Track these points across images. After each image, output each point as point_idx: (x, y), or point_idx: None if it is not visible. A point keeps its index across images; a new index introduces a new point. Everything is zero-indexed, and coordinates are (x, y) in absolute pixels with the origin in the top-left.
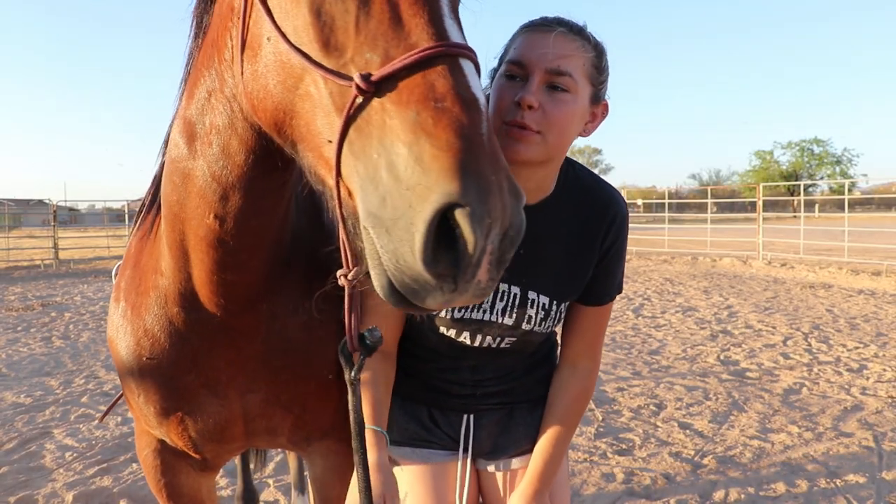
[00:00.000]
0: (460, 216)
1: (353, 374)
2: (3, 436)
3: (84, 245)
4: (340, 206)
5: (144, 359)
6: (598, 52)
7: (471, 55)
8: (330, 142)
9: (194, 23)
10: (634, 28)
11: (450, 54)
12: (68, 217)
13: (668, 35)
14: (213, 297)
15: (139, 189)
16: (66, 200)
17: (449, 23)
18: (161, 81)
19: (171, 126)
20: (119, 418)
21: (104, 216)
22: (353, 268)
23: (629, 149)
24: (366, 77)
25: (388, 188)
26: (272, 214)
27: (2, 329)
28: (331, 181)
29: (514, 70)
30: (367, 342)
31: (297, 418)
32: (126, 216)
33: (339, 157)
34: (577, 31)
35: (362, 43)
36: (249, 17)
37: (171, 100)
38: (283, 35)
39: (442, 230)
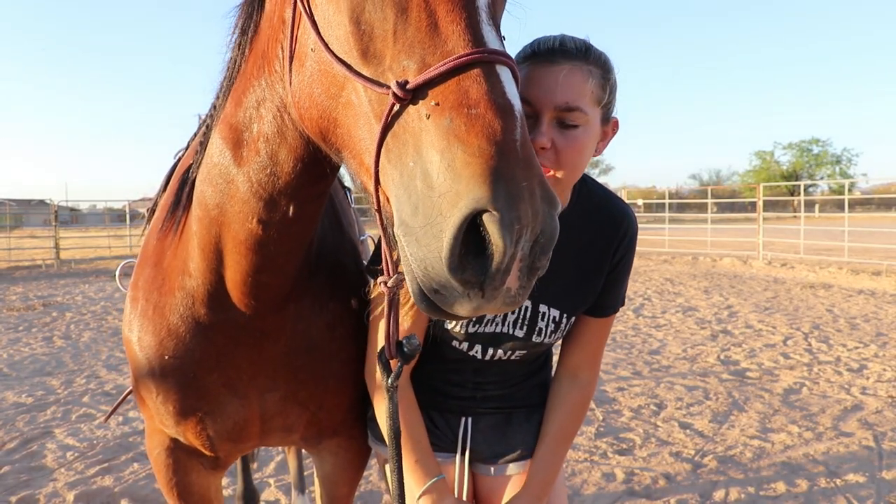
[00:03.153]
0: (489, 222)
1: (390, 381)
2: (5, 435)
3: (85, 245)
4: (380, 214)
5: (166, 358)
6: (605, 70)
7: (508, 61)
8: (370, 149)
9: (237, 31)
10: (635, 27)
11: (485, 61)
12: (69, 217)
13: (669, 34)
14: (244, 298)
15: (140, 189)
16: (67, 200)
17: (486, 29)
18: (162, 80)
19: (205, 130)
20: (120, 418)
21: (105, 216)
22: (394, 275)
23: (629, 149)
24: (402, 85)
25: (421, 196)
26: (312, 220)
27: (3, 329)
28: (371, 189)
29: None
30: (405, 349)
31: (313, 416)
32: (127, 216)
33: (377, 164)
34: (582, 58)
35: (400, 51)
36: (298, 29)
37: (172, 99)
38: (326, 45)
39: (472, 237)
